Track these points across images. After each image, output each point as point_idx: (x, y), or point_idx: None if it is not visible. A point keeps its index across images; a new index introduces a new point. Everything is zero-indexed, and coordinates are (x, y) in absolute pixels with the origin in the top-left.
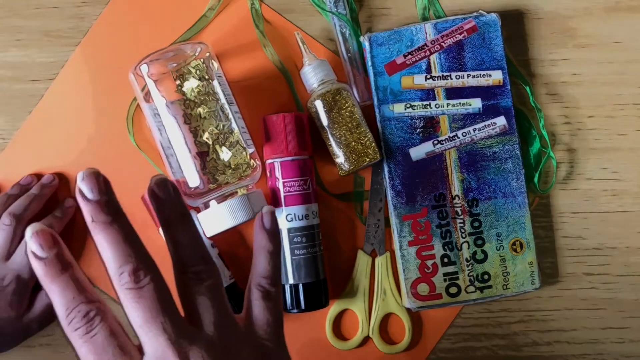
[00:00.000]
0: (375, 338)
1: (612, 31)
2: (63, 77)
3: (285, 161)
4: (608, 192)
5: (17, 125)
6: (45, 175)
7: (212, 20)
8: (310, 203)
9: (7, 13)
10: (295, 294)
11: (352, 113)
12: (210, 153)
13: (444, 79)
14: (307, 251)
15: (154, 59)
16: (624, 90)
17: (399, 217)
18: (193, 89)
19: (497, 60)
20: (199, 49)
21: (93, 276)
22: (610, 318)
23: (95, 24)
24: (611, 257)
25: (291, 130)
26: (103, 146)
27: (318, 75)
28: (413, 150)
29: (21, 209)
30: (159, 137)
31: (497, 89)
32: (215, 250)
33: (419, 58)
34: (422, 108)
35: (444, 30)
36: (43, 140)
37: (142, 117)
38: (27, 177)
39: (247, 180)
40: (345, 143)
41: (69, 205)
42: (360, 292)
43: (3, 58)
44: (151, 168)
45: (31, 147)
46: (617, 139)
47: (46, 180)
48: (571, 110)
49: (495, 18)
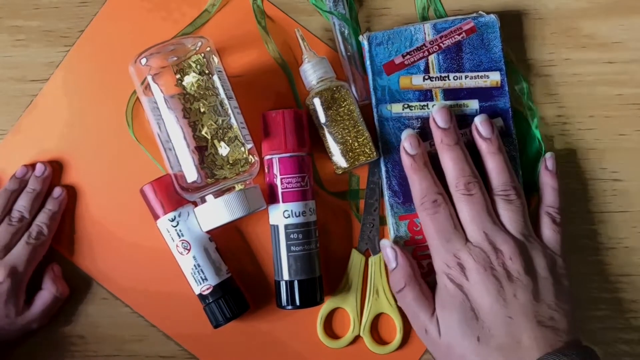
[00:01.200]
0: (366, 337)
1: (612, 31)
2: (63, 69)
3: (284, 157)
4: (608, 192)
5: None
6: (37, 165)
7: (213, 15)
8: (308, 200)
9: (7, 13)
10: (290, 290)
11: (351, 111)
12: (209, 148)
13: (442, 79)
14: (303, 248)
15: (154, 52)
16: (624, 90)
17: (395, 216)
18: (193, 83)
19: (495, 61)
20: (200, 43)
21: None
22: (610, 318)
23: (96, 16)
24: (611, 257)
25: (290, 126)
26: (102, 139)
27: (317, 73)
28: None
29: (29, 208)
30: (158, 130)
31: (494, 90)
32: (213, 244)
33: (417, 58)
34: (420, 109)
35: (443, 31)
36: (41, 132)
37: (141, 110)
38: (22, 168)
39: (244, 176)
40: (342, 141)
41: (58, 196)
42: (353, 291)
43: (3, 58)
44: (150, 161)
45: (29, 139)
46: (617, 139)
47: (39, 172)
48: (571, 110)
49: (494, 19)
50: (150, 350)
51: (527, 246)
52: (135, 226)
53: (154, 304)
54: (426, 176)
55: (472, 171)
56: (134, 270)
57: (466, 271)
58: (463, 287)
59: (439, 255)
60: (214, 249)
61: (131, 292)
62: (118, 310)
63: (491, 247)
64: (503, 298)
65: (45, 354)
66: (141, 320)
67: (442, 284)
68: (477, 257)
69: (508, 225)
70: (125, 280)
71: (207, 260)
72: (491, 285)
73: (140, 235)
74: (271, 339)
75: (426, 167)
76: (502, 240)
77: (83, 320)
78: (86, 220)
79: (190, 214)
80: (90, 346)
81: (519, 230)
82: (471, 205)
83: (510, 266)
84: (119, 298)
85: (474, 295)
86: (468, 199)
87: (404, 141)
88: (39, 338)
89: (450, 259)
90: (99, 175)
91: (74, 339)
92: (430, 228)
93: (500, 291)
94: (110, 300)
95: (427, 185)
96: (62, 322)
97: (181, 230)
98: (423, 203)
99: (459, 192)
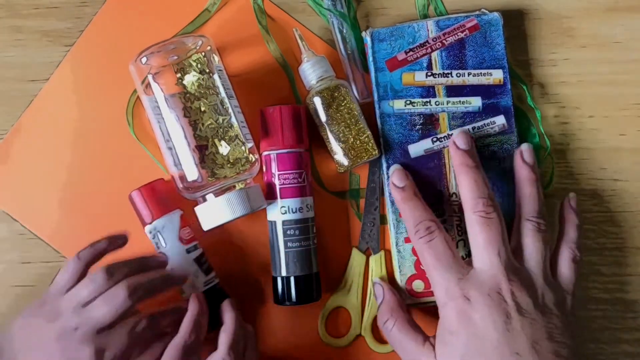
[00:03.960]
0: (367, 336)
1: (612, 31)
2: (63, 69)
3: (282, 153)
4: (608, 192)
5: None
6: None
7: (214, 14)
8: (305, 196)
9: (7, 13)
10: (287, 286)
11: (351, 110)
12: (209, 147)
13: (445, 76)
14: (300, 244)
15: (155, 51)
16: (624, 90)
17: (396, 213)
18: (193, 82)
19: (498, 59)
20: (200, 42)
21: None
22: (611, 318)
23: (96, 16)
24: (611, 257)
25: (288, 122)
26: (103, 138)
27: (316, 72)
28: (412, 147)
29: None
30: (158, 129)
31: (497, 88)
32: (199, 251)
33: (420, 55)
34: (422, 105)
35: (446, 28)
36: (41, 132)
37: (142, 109)
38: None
39: (245, 175)
40: (343, 140)
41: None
42: (354, 290)
43: (3, 58)
44: (150, 160)
45: (29, 139)
46: (617, 139)
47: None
48: (571, 110)
49: (497, 17)
50: None
51: (541, 279)
52: (136, 225)
53: (154, 303)
54: (417, 205)
55: (491, 194)
56: None
57: (471, 302)
58: (468, 320)
59: (440, 286)
60: (198, 256)
61: None
62: None
63: (503, 276)
64: (510, 332)
65: None
66: None
67: (444, 316)
68: (483, 286)
69: (529, 255)
70: None
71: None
72: (498, 318)
73: (141, 235)
74: (272, 338)
75: (416, 196)
76: (516, 270)
77: None
78: (87, 219)
79: (166, 226)
80: None
81: (538, 262)
82: (488, 229)
83: (520, 298)
84: None
85: (479, 328)
86: (486, 221)
87: (392, 176)
88: None
89: (454, 289)
90: (100, 175)
91: None
92: (428, 258)
93: (508, 324)
94: None
95: (419, 213)
96: None
97: (157, 243)
98: (417, 231)
99: (477, 215)
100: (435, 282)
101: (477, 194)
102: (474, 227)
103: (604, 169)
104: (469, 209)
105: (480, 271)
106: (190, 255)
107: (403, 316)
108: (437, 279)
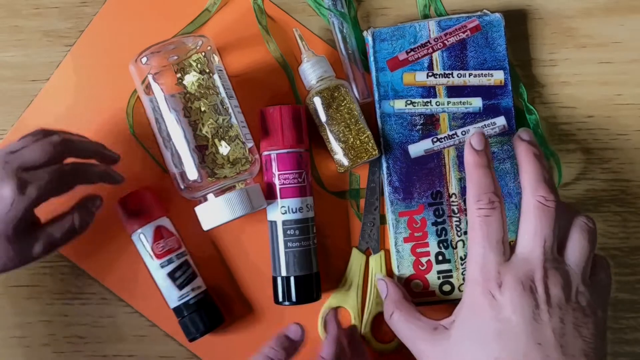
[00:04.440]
0: (367, 336)
1: (612, 31)
2: (63, 69)
3: (281, 153)
4: (608, 192)
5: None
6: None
7: (214, 14)
8: (305, 196)
9: (7, 13)
10: (287, 286)
11: (351, 109)
12: (210, 147)
13: (446, 77)
14: (300, 244)
15: (155, 51)
16: (624, 90)
17: (395, 213)
18: (193, 82)
19: (499, 60)
20: (200, 42)
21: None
22: (610, 318)
23: (96, 16)
24: (611, 257)
25: (288, 122)
26: (103, 138)
27: (316, 72)
28: (412, 147)
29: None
30: (158, 130)
31: (498, 89)
32: (174, 264)
33: (421, 55)
34: (423, 105)
35: (447, 28)
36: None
37: (142, 109)
38: None
39: (245, 175)
40: (343, 140)
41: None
42: (354, 290)
43: (3, 58)
44: (150, 160)
45: None
46: (617, 139)
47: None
48: (571, 110)
49: (499, 18)
50: (150, 349)
51: (579, 278)
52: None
53: (155, 303)
54: (487, 174)
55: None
56: (134, 269)
57: (503, 285)
58: (494, 302)
59: (477, 263)
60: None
61: (131, 292)
62: (118, 310)
63: (541, 265)
64: (537, 322)
65: (45, 353)
66: (142, 320)
67: (470, 294)
68: (519, 272)
69: (572, 252)
70: (125, 279)
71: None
72: (527, 306)
73: None
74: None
75: (489, 165)
76: (557, 262)
77: (83, 320)
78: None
79: (136, 241)
80: (90, 346)
81: (581, 260)
82: (545, 216)
83: (553, 291)
84: (120, 297)
85: (505, 312)
86: (544, 209)
87: (472, 138)
88: (39, 337)
89: (490, 270)
90: None
91: (74, 339)
92: (478, 231)
93: (536, 314)
94: (110, 300)
95: (488, 183)
96: (62, 322)
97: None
98: (479, 200)
99: (537, 200)
100: (474, 257)
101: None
102: (528, 213)
103: (604, 168)
104: (529, 193)
105: (520, 257)
106: (164, 270)
107: (408, 307)
108: (477, 256)
